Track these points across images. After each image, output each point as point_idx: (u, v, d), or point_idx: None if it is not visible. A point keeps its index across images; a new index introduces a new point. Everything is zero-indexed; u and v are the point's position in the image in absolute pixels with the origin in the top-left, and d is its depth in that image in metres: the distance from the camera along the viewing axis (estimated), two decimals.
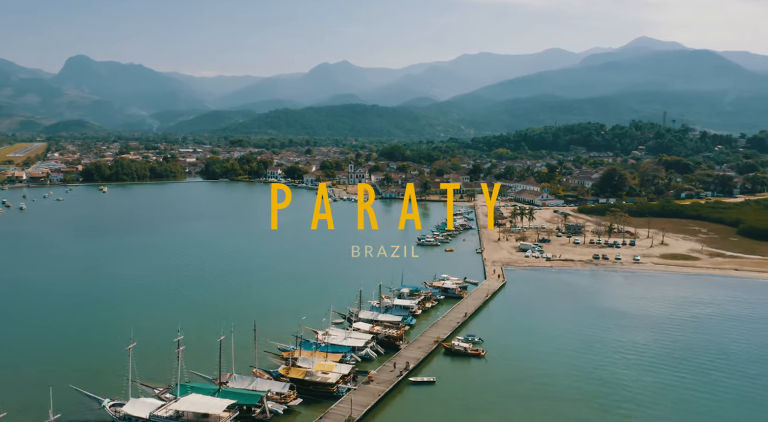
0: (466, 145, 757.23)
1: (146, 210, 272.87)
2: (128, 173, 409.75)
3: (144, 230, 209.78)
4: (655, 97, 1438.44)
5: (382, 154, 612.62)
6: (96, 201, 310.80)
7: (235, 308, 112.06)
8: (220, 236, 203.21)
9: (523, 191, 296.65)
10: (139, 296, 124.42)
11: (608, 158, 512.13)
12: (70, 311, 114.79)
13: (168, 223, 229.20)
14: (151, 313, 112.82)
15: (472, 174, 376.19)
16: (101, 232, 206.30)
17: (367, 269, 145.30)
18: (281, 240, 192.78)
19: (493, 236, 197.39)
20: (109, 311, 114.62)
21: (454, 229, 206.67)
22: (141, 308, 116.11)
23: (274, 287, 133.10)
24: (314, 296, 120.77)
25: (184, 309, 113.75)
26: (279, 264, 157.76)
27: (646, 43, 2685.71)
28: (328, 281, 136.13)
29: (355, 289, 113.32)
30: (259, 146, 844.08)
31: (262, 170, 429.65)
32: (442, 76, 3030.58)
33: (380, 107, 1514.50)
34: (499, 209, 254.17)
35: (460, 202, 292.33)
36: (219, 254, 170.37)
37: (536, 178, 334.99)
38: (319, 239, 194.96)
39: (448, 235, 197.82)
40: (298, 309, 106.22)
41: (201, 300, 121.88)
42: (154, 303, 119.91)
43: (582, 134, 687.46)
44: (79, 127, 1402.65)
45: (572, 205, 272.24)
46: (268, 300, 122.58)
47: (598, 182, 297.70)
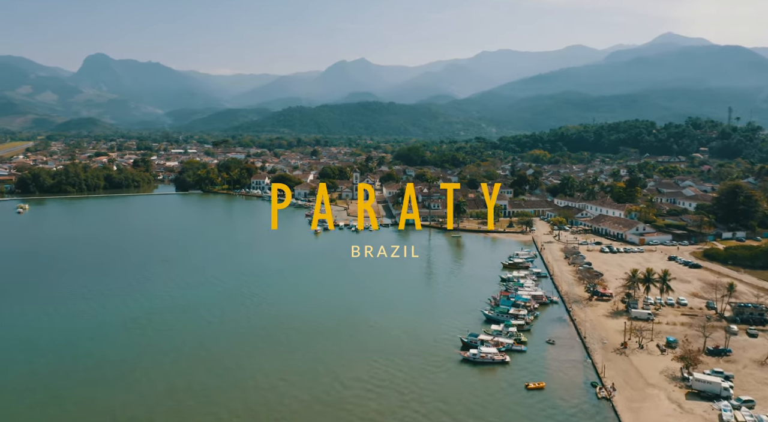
0: (494, 145, 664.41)
1: (48, 247, 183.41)
2: (75, 184, 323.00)
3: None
4: (684, 94, 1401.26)
5: (397, 156, 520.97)
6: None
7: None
8: (156, 298, 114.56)
9: (603, 219, 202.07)
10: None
11: (678, 162, 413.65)
12: None
13: (59, 281, 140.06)
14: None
15: (516, 186, 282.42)
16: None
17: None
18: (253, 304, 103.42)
19: (605, 327, 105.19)
20: None
21: (523, 308, 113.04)
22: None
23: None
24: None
25: None
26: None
27: (671, 39, 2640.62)
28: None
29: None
30: (264, 145, 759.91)
31: (245, 178, 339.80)
32: (461, 73, 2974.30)
33: (397, 105, 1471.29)
34: (577, 252, 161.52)
35: (508, 233, 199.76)
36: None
37: (612, 195, 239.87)
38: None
39: (520, 330, 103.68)
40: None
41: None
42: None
43: (630, 133, 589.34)
44: (91, 125, 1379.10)
45: (684, 242, 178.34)
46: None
47: (713, 205, 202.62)
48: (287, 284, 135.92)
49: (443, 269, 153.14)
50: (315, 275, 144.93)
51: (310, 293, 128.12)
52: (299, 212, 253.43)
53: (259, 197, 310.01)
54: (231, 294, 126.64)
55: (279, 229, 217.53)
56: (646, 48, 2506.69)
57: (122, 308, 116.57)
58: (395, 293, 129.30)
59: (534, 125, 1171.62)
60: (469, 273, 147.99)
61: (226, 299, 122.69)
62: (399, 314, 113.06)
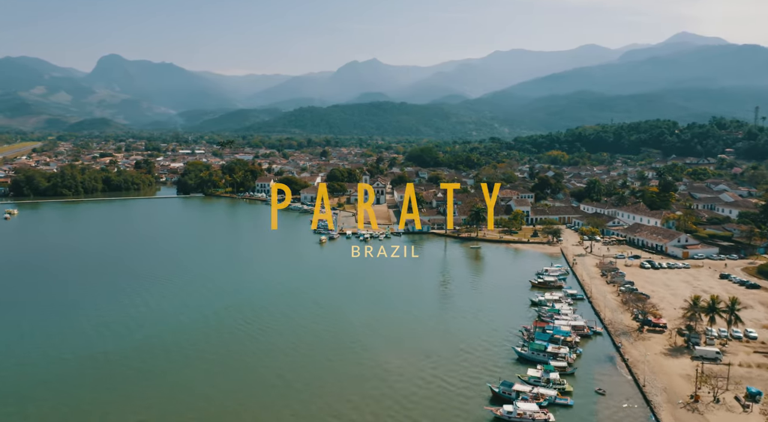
0: (509, 145, 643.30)
1: (19, 259, 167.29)
2: (71, 187, 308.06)
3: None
4: (702, 93, 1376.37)
5: (409, 157, 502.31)
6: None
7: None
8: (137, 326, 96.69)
9: (639, 228, 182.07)
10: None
11: (707, 164, 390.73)
12: None
13: (14, 302, 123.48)
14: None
15: (538, 190, 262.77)
16: None
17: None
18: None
19: (666, 370, 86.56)
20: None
21: (563, 343, 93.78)
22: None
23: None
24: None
25: None
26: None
27: (687, 38, 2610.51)
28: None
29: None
30: (273, 146, 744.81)
31: (249, 181, 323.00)
32: (474, 73, 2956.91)
33: (409, 105, 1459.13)
34: (616, 269, 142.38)
35: (532, 243, 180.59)
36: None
37: (643, 201, 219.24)
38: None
39: (563, 374, 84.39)
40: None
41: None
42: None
43: (652, 134, 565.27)
44: (103, 125, 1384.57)
45: (732, 256, 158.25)
46: None
47: (761, 213, 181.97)
48: (276, 313, 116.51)
49: (461, 289, 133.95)
50: (312, 297, 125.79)
51: (302, 322, 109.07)
52: (304, 219, 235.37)
53: (263, 201, 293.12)
54: (208, 327, 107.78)
55: (281, 236, 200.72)
56: (660, 47, 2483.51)
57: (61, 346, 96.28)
58: (405, 322, 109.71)
59: (548, 125, 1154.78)
60: (492, 294, 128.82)
61: (201, 334, 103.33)
62: (411, 353, 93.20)
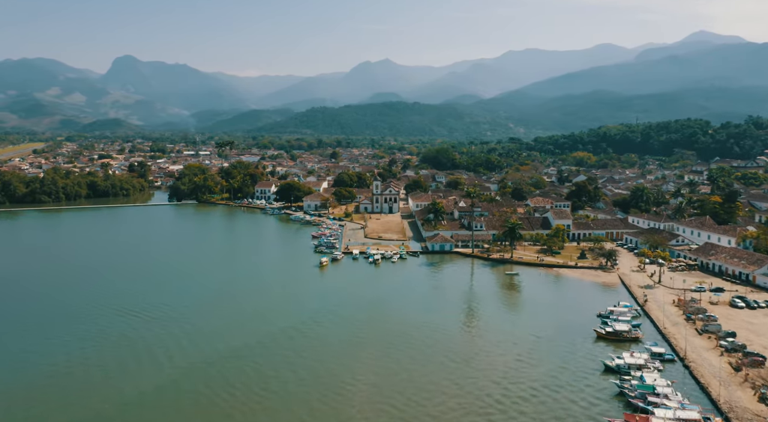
0: (529, 146, 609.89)
1: None
2: (51, 193, 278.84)
3: None
4: (721, 93, 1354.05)
5: (424, 159, 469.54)
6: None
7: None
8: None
9: (713, 249, 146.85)
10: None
11: (756, 167, 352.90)
12: None
13: None
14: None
15: (575, 198, 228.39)
16: None
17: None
18: None
19: None
20: None
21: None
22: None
23: None
24: None
25: None
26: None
27: (705, 37, 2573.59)
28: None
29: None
30: (282, 147, 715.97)
31: (248, 186, 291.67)
32: (488, 73, 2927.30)
33: (422, 105, 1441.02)
34: (704, 311, 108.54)
35: (581, 268, 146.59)
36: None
37: (705, 213, 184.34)
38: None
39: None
40: None
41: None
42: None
43: (683, 134, 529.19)
44: (116, 126, 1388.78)
45: None
46: None
47: None
48: (255, 376, 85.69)
49: (495, 339, 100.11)
50: (296, 351, 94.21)
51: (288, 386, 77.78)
52: (305, 232, 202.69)
53: (262, 209, 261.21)
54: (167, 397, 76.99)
55: (276, 255, 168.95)
56: (678, 46, 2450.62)
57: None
58: (422, 400, 77.58)
59: (564, 125, 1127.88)
60: (543, 351, 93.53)
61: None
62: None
